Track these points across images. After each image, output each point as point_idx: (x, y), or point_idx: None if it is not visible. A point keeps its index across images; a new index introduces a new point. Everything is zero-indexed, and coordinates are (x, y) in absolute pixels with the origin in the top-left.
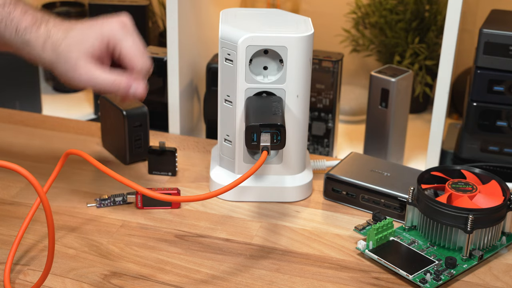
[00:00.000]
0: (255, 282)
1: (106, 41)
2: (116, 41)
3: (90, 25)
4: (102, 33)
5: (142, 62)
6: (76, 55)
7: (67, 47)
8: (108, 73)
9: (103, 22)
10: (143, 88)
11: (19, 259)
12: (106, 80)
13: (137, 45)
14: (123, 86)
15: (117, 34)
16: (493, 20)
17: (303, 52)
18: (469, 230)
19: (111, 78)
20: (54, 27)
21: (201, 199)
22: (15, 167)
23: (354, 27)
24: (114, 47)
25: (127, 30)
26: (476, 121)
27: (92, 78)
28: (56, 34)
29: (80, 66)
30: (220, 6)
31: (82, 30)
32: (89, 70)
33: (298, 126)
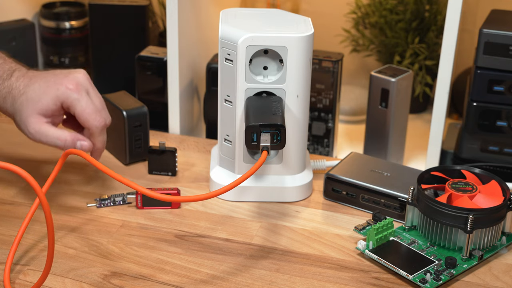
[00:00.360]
0: (255, 282)
1: (60, 103)
2: (69, 103)
3: (47, 84)
4: (57, 95)
5: (94, 123)
6: (30, 112)
7: (23, 103)
8: (55, 129)
9: (58, 82)
10: (88, 145)
11: (19, 259)
12: (52, 135)
13: (88, 106)
14: (69, 141)
15: (70, 96)
16: (493, 20)
17: (303, 52)
18: (469, 230)
19: (57, 134)
20: (16, 80)
21: (201, 199)
22: (14, 168)
23: (354, 27)
24: (69, 108)
25: (80, 90)
26: (476, 121)
27: (38, 132)
28: (16, 88)
29: (30, 123)
30: (220, 6)
31: (39, 89)
32: (38, 125)
33: (298, 126)
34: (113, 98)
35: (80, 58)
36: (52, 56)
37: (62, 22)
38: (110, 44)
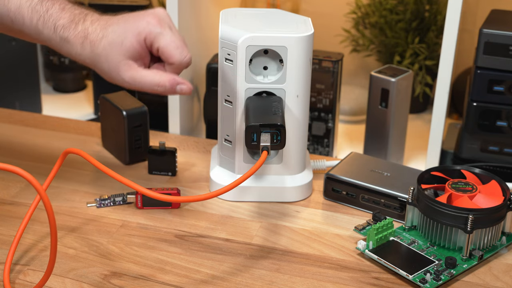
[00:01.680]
0: (255, 282)
1: (143, 38)
2: (152, 37)
3: (125, 22)
4: (139, 31)
5: (180, 57)
6: (117, 57)
7: (107, 48)
8: (151, 72)
9: (138, 18)
10: (188, 88)
11: (19, 259)
12: (150, 81)
13: (173, 40)
14: (168, 87)
15: (153, 30)
16: (493, 20)
17: (303, 52)
18: (469, 230)
19: (155, 80)
20: (92, 24)
21: (201, 199)
22: (13, 169)
23: (354, 27)
24: (152, 44)
25: (163, 24)
26: (476, 121)
27: (136, 80)
28: (93, 32)
29: (122, 68)
30: (220, 6)
31: (119, 29)
32: (132, 72)
33: (298, 126)
34: (113, 98)
35: None
36: (52, 56)
37: None
38: None
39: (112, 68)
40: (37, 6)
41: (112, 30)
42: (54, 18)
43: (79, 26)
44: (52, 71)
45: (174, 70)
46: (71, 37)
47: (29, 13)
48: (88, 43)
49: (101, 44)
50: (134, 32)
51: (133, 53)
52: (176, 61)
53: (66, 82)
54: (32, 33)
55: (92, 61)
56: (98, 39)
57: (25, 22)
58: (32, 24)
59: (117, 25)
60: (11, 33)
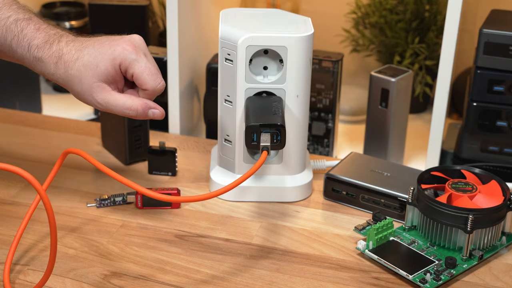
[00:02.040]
0: (255, 282)
1: (118, 63)
2: (127, 64)
3: (101, 46)
4: (114, 56)
5: (154, 84)
6: (91, 79)
7: (81, 69)
8: (124, 97)
9: (114, 44)
10: (160, 112)
11: (19, 259)
12: (122, 105)
13: (148, 67)
14: (140, 111)
15: (128, 57)
16: (493, 20)
17: (303, 52)
18: (469, 230)
19: (127, 104)
20: (67, 45)
21: (201, 199)
22: (13, 168)
23: (354, 27)
24: (126, 70)
25: (138, 51)
26: (476, 121)
27: (108, 102)
28: (68, 53)
29: (96, 90)
30: (220, 6)
31: (94, 52)
32: (105, 94)
33: (298, 126)
34: None
35: None
36: None
37: (62, 22)
38: None
39: (85, 90)
40: (12, 25)
41: (88, 52)
42: (28, 38)
43: (53, 46)
44: None
45: (148, 96)
46: (45, 57)
47: (3, 32)
48: (62, 63)
49: (75, 65)
50: (109, 57)
51: (107, 77)
52: (150, 87)
53: None
54: (5, 51)
55: (65, 82)
56: (72, 60)
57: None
58: (5, 42)
59: (92, 48)
60: None
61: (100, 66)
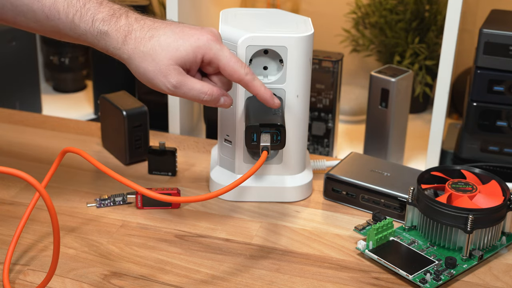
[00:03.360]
0: (255, 282)
1: (201, 54)
2: (212, 55)
3: (182, 32)
4: (198, 45)
5: (244, 73)
6: (168, 60)
7: (157, 48)
8: (200, 82)
9: (197, 32)
10: (230, 101)
11: (19, 258)
12: (199, 89)
13: (233, 57)
14: (215, 96)
15: (214, 47)
16: (493, 20)
17: (303, 52)
18: (469, 230)
19: (204, 89)
20: (137, 21)
21: (201, 200)
22: (10, 171)
23: (354, 27)
24: (211, 60)
25: (220, 42)
26: (476, 121)
27: (184, 85)
28: (140, 29)
29: (172, 72)
30: (220, 6)
31: (174, 35)
32: (182, 77)
33: (298, 126)
34: (113, 98)
35: (80, 58)
36: (52, 56)
37: None
38: None
39: (159, 70)
40: (73, 0)
41: (164, 33)
42: (92, 12)
43: (121, 20)
44: (52, 71)
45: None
46: (111, 31)
47: (65, 7)
48: (133, 39)
49: (150, 42)
50: (193, 44)
51: (185, 62)
52: (240, 75)
53: (66, 82)
54: (67, 29)
55: (132, 58)
56: (146, 37)
57: (61, 17)
58: (68, 19)
59: (170, 30)
60: (45, 32)
61: (181, 50)
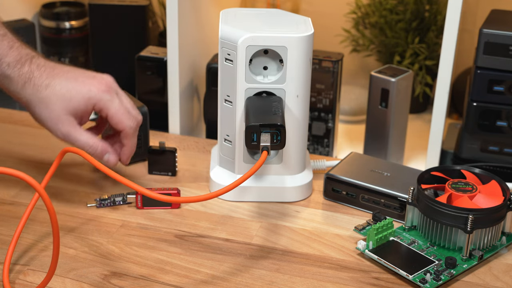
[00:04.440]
0: (255, 282)
1: (92, 104)
2: (102, 105)
3: (75, 81)
4: (89, 96)
5: (130, 123)
6: (60, 110)
7: (51, 97)
8: (87, 134)
9: (89, 82)
10: (115, 159)
11: (19, 259)
12: (85, 141)
13: (122, 107)
14: (98, 151)
15: (103, 98)
16: (493, 20)
17: (303, 52)
18: (469, 230)
19: (90, 141)
20: (38, 69)
21: (201, 200)
22: (9, 171)
23: (354, 27)
24: (101, 110)
25: (112, 92)
26: (476, 121)
27: (70, 136)
28: (39, 77)
29: (63, 121)
30: (220, 6)
31: (68, 84)
32: (70, 128)
33: (298, 126)
34: None
35: (80, 58)
36: (52, 56)
37: (62, 22)
38: (110, 44)
39: (51, 118)
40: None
41: (59, 82)
42: (0, 54)
43: (25, 67)
44: None
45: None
46: (14, 76)
47: None
48: (31, 86)
49: (46, 91)
50: (84, 96)
51: (77, 112)
52: (125, 127)
53: None
54: None
55: (30, 103)
56: (42, 85)
57: None
58: None
59: (65, 80)
60: None
61: (73, 102)
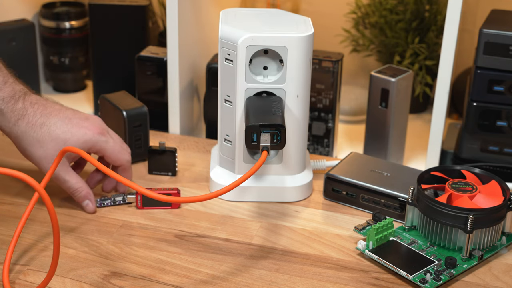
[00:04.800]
0: (255, 282)
1: (88, 147)
2: (98, 147)
3: (69, 123)
4: (85, 140)
5: (126, 158)
6: (55, 151)
7: (46, 137)
8: (76, 178)
9: (83, 126)
10: (93, 209)
11: (19, 258)
12: (72, 184)
13: (117, 145)
14: (82, 195)
15: (99, 140)
16: (493, 20)
17: (303, 52)
18: (469, 230)
19: (75, 186)
20: (31, 106)
21: (201, 200)
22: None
23: (354, 27)
24: (97, 152)
25: (105, 133)
26: (476, 121)
27: (61, 177)
28: (33, 115)
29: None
30: (220, 6)
31: (63, 126)
32: (61, 169)
33: (298, 126)
34: (113, 98)
35: (80, 58)
36: (52, 56)
37: (62, 22)
38: (110, 44)
39: (45, 156)
40: None
41: (54, 123)
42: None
43: (19, 103)
44: (52, 71)
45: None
46: (7, 111)
47: None
48: (25, 123)
49: (41, 130)
50: (80, 139)
51: (70, 154)
52: (122, 162)
53: (66, 82)
54: None
55: (21, 139)
56: (37, 124)
57: None
58: None
59: (60, 121)
60: None
61: (68, 144)
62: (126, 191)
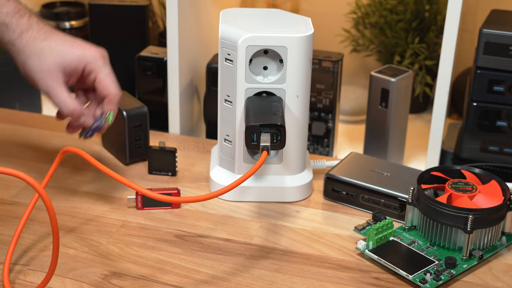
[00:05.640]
0: (255, 282)
1: (83, 64)
2: (94, 68)
3: (72, 42)
4: (84, 56)
5: (116, 91)
6: (52, 63)
7: (45, 50)
8: (68, 95)
9: (86, 47)
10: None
11: (19, 258)
12: (64, 100)
13: (111, 75)
14: (76, 112)
15: (97, 62)
16: (493, 20)
17: (303, 52)
18: (469, 230)
19: (68, 100)
20: (37, 23)
21: (201, 200)
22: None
23: (354, 27)
24: (90, 73)
25: (105, 61)
26: (476, 121)
27: (52, 91)
28: (37, 30)
29: (52, 76)
30: (220, 6)
31: (65, 43)
32: (55, 83)
33: (298, 126)
34: None
35: None
36: None
37: (62, 22)
38: (110, 44)
39: (42, 69)
40: None
41: (56, 39)
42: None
43: (24, 18)
44: None
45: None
46: (12, 24)
47: None
48: (28, 36)
49: (42, 44)
50: (79, 54)
51: (67, 69)
52: (111, 93)
53: None
54: None
55: (22, 52)
56: (40, 38)
57: None
58: None
59: (62, 39)
60: None
61: (66, 58)
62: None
